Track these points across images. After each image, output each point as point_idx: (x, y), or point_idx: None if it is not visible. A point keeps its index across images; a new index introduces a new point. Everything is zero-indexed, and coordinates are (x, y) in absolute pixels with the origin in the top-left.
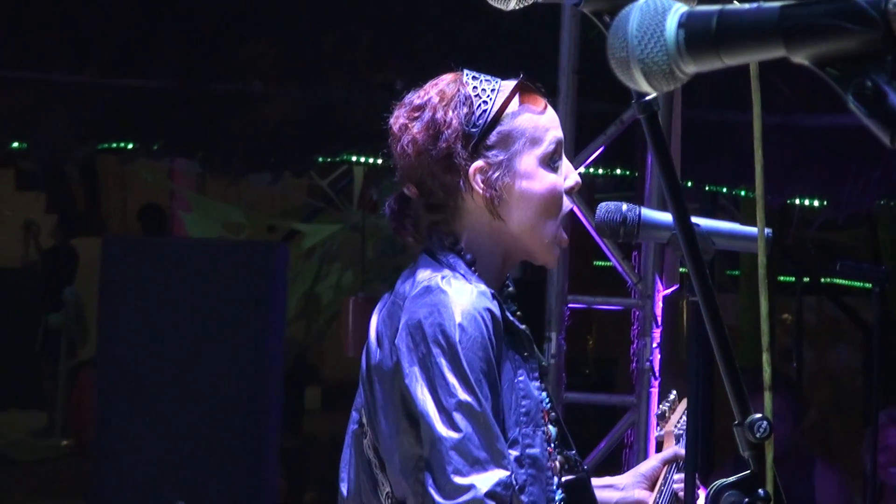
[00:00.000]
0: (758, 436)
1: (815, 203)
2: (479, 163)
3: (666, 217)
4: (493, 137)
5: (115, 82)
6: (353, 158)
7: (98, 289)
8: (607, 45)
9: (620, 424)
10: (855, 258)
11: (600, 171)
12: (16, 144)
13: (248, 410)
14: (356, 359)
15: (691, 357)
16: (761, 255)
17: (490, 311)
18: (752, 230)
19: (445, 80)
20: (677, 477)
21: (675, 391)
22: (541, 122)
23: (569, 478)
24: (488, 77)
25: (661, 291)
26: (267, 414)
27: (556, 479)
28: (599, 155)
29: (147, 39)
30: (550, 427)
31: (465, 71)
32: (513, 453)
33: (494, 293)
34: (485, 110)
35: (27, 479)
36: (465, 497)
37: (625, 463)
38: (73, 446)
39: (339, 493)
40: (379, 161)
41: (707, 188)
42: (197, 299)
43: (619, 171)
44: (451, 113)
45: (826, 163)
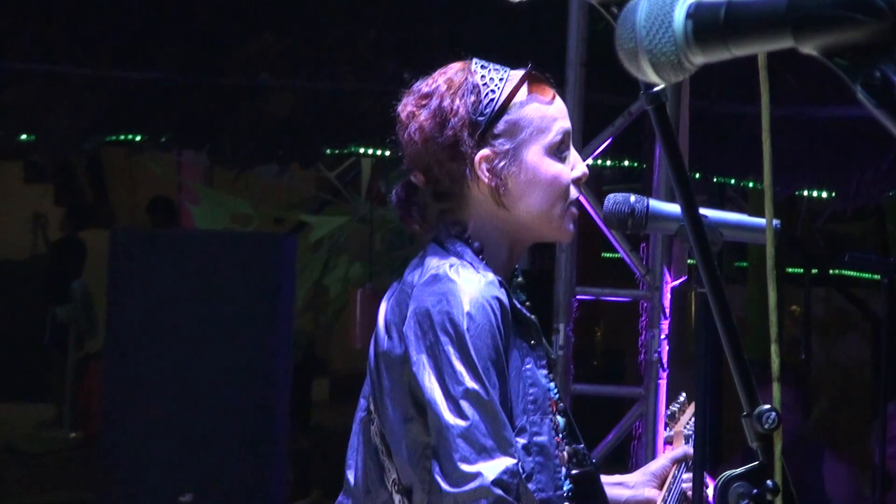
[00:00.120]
0: (766, 427)
1: (824, 194)
2: (485, 151)
3: (674, 208)
4: (500, 126)
5: (124, 75)
6: (361, 150)
7: (106, 281)
8: (615, 35)
9: (629, 416)
10: (863, 249)
11: (608, 162)
12: (24, 137)
13: (256, 402)
14: (364, 351)
15: (699, 348)
16: (769, 247)
17: (498, 300)
18: (759, 221)
19: (454, 69)
20: (686, 476)
21: (684, 393)
22: (548, 112)
23: (577, 471)
24: (497, 66)
25: (670, 283)
26: (275, 405)
27: (563, 469)
28: (607, 146)
29: (155, 32)
30: (558, 418)
31: (475, 60)
32: (520, 441)
33: (502, 281)
34: (492, 99)
35: (35, 472)
36: (471, 485)
37: (633, 454)
38: (81, 439)
39: (346, 480)
40: (387, 153)
41: (715, 179)
42: (205, 292)
43: (627, 162)
44: (458, 101)
45: (834, 154)
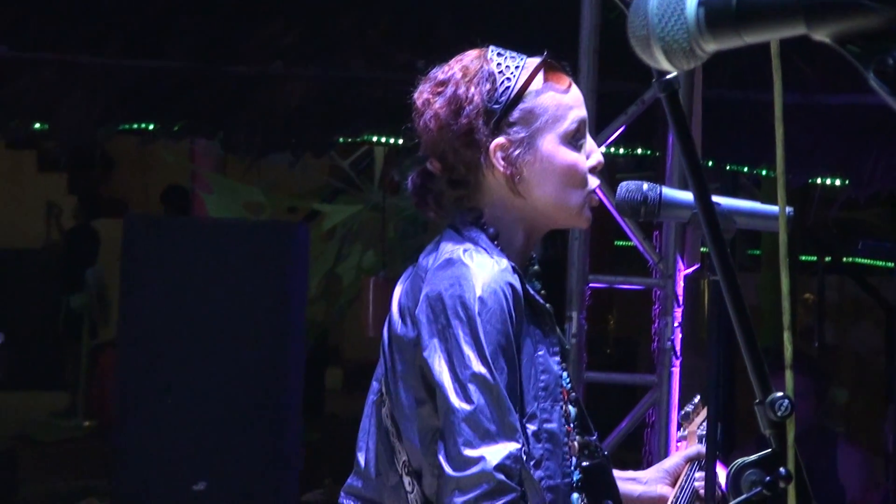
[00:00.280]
0: (779, 414)
1: (837, 182)
2: (500, 139)
3: (687, 196)
4: (516, 114)
5: (136, 63)
6: (374, 139)
7: (120, 269)
8: (628, 23)
9: (642, 404)
10: (877, 237)
11: (621, 150)
12: (38, 126)
13: (270, 390)
14: (377, 339)
15: (712, 336)
16: (782, 234)
17: (511, 286)
18: (772, 209)
19: (470, 56)
20: (698, 475)
21: (699, 394)
22: (564, 100)
23: (588, 462)
24: (514, 54)
25: (683, 271)
26: (288, 394)
27: (573, 458)
28: (620, 134)
29: (167, 20)
30: (570, 407)
31: (491, 47)
32: (530, 427)
33: (516, 267)
34: (508, 87)
35: (49, 460)
36: (473, 469)
37: (646, 442)
38: (95, 427)
39: (356, 462)
40: (400, 141)
41: (728, 167)
42: (218, 280)
43: (639, 150)
44: (473, 89)
45: (847, 141)
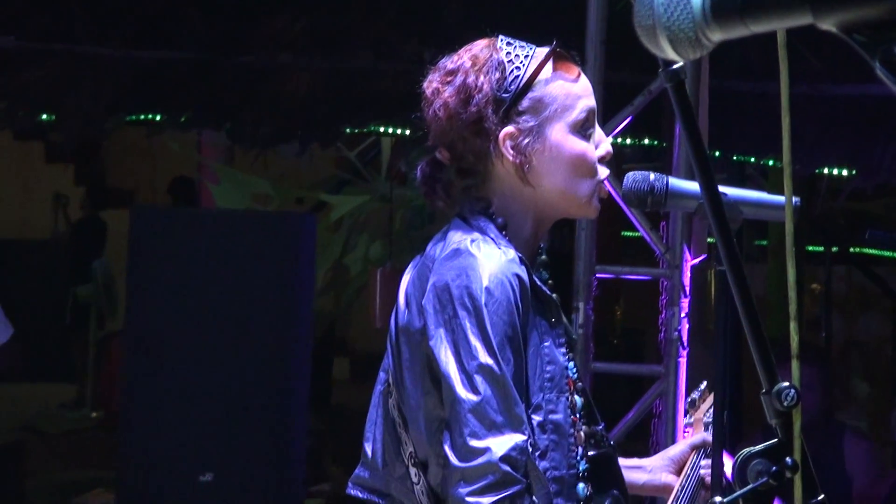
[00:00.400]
0: (785, 404)
1: (844, 172)
2: (509, 128)
3: (693, 186)
4: (525, 103)
5: (143, 54)
6: (381, 129)
7: (127, 260)
8: (633, 12)
9: (649, 394)
10: (884, 227)
11: (628, 140)
12: (45, 117)
13: (277, 381)
14: (384, 330)
15: (719, 326)
16: (788, 224)
17: (518, 277)
18: (779, 199)
19: (479, 46)
20: (704, 463)
21: (705, 381)
22: (573, 89)
23: (594, 452)
24: (523, 43)
25: (690, 261)
26: (295, 385)
27: (579, 449)
28: (627, 125)
29: (174, 11)
30: (576, 397)
31: (500, 37)
32: (536, 419)
33: (523, 258)
34: (517, 76)
35: (57, 451)
36: (479, 460)
37: (653, 432)
38: (102, 418)
39: (363, 452)
40: (407, 132)
41: (735, 158)
42: (225, 272)
43: (646, 140)
44: (482, 78)
45: (854, 132)
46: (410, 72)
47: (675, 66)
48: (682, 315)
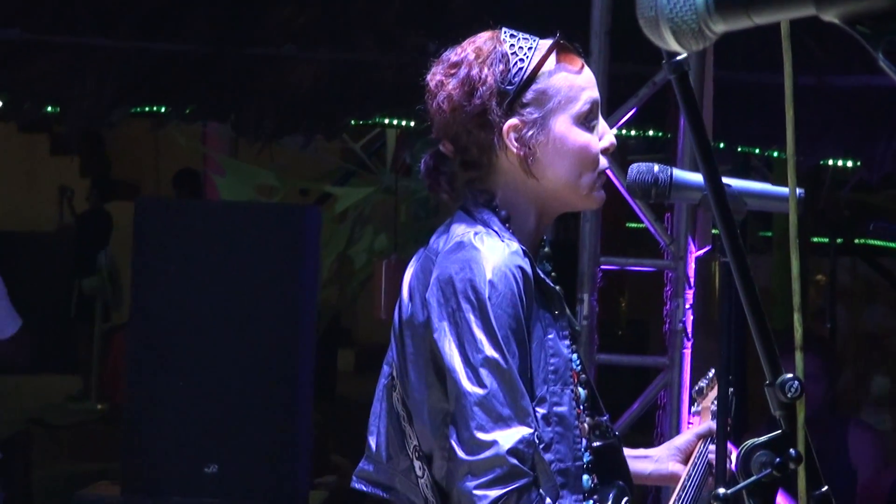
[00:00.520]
0: (789, 396)
1: (849, 164)
2: (513, 121)
3: (698, 178)
4: (529, 95)
5: (148, 46)
6: (386, 121)
7: (131, 252)
8: (637, 4)
9: (653, 386)
10: (889, 219)
11: (632, 132)
12: (50, 109)
13: (281, 373)
14: (389, 322)
15: (724, 318)
16: (793, 215)
17: (521, 269)
18: (783, 190)
19: (483, 38)
20: (712, 448)
21: (713, 369)
22: (577, 81)
23: (599, 443)
24: (526, 35)
25: (694, 252)
26: (300, 377)
27: (584, 441)
28: (632, 116)
29: (179, 3)
30: (580, 389)
31: (504, 29)
32: (540, 411)
33: (526, 250)
34: (521, 68)
35: (63, 443)
36: (486, 453)
37: (658, 424)
38: (107, 410)
39: (368, 445)
40: (412, 123)
41: (739, 149)
42: (230, 263)
43: (651, 132)
44: (486, 70)
45: (859, 123)
46: (415, 64)
47: (678, 58)
48: (687, 306)
